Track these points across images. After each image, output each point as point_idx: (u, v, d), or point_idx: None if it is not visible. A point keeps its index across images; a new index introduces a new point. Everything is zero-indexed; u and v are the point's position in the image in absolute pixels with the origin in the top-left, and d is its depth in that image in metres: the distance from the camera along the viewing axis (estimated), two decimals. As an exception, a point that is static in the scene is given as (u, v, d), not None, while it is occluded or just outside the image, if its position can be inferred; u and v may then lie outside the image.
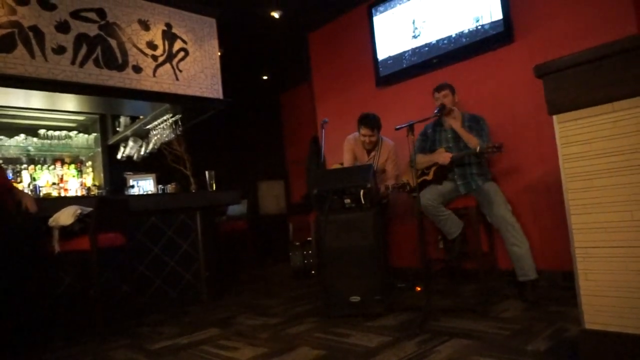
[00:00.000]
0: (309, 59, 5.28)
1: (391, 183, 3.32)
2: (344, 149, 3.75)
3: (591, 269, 1.55)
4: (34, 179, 4.67)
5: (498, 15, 3.44)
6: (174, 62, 3.99)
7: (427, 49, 3.94)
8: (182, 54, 4.05)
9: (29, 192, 4.25)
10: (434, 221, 3.16)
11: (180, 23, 4.10)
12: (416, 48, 4.02)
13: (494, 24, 3.47)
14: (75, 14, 3.46)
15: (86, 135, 5.10)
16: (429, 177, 3.21)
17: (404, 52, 4.11)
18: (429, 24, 3.93)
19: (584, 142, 1.56)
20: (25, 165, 4.71)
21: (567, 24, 3.15)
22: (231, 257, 5.74)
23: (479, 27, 3.55)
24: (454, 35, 3.74)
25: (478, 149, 2.93)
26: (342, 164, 3.77)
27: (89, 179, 5.12)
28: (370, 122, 3.46)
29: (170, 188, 4.30)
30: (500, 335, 2.11)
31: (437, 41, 3.86)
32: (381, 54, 4.31)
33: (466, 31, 3.65)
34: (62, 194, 4.72)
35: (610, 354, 1.49)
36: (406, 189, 3.23)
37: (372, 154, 3.64)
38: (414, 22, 4.02)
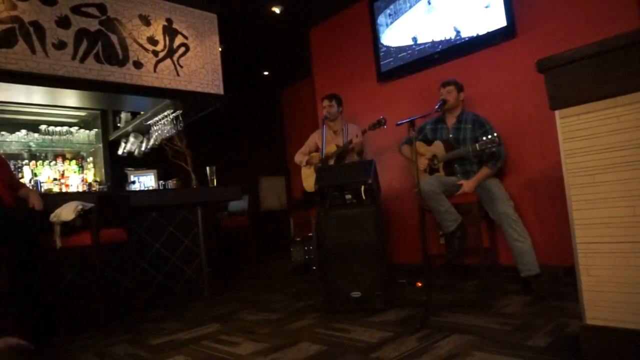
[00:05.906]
0: (310, 54, 5.27)
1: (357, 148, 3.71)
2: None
3: (593, 265, 1.54)
4: (35, 175, 4.68)
5: (500, 10, 3.42)
6: (175, 57, 3.98)
7: (429, 45, 3.93)
8: (182, 49, 4.04)
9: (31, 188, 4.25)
10: (433, 211, 3.10)
11: (181, 18, 4.08)
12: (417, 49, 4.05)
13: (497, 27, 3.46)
14: (76, 9, 3.45)
15: (87, 131, 5.10)
16: (442, 174, 3.22)
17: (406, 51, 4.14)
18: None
19: (586, 137, 1.55)
20: (26, 161, 4.72)
21: (570, 18, 3.13)
22: (232, 252, 5.76)
23: (486, 31, 3.55)
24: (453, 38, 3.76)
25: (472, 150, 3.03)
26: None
27: (90, 175, 5.13)
28: (328, 95, 4.06)
29: (171, 184, 4.29)
30: (501, 331, 2.12)
31: (436, 42, 3.89)
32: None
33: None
34: (64, 190, 4.72)
35: (611, 349, 1.49)
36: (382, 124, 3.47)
37: (340, 135, 3.95)
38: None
